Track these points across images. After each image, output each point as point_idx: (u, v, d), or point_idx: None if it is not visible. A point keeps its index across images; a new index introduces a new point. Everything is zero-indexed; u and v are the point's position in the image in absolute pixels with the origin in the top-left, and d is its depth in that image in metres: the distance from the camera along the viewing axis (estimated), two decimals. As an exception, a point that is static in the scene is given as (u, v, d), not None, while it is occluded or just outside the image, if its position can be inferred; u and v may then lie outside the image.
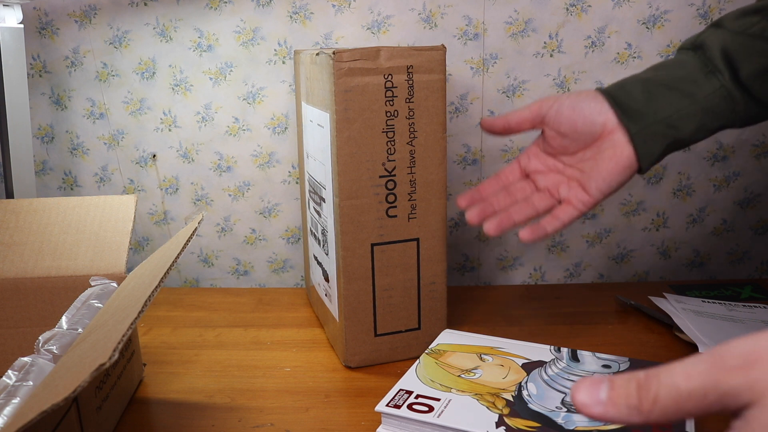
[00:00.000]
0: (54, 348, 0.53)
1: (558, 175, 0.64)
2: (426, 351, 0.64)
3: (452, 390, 0.56)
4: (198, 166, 0.93)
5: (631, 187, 0.94)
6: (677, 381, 0.27)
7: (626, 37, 0.88)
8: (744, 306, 0.79)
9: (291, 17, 0.88)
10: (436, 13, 0.87)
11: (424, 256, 0.69)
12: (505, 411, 0.53)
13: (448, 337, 0.67)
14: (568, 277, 0.97)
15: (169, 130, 0.92)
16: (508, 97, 0.90)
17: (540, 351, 0.64)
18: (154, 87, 0.90)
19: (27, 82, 0.81)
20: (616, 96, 0.61)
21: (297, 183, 0.94)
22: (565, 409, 0.53)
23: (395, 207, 0.66)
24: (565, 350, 0.63)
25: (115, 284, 0.63)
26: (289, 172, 0.93)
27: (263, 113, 0.91)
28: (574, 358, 0.62)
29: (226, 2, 0.87)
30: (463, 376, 0.59)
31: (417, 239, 0.68)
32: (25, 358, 0.51)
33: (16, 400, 0.46)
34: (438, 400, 0.54)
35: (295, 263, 0.97)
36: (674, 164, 0.93)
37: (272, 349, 0.75)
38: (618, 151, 0.60)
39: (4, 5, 0.79)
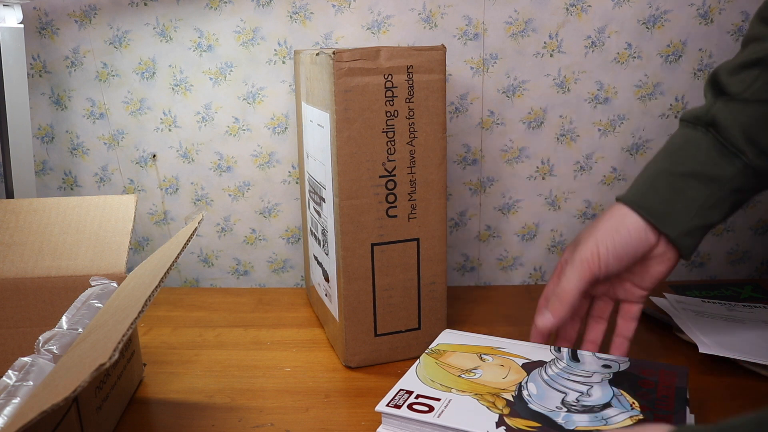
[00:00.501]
0: (54, 348, 0.53)
1: (607, 283, 0.65)
2: (426, 351, 0.64)
3: (452, 390, 0.56)
4: (198, 166, 0.93)
5: (631, 187, 0.94)
6: None
7: (626, 37, 0.88)
8: (744, 306, 0.79)
9: (291, 17, 0.88)
10: (436, 13, 0.87)
11: (424, 256, 0.69)
12: (506, 411, 0.53)
13: (448, 337, 0.67)
14: (568, 277, 0.97)
15: (169, 130, 0.92)
16: (508, 97, 0.90)
17: (540, 351, 0.64)
18: (154, 87, 0.90)
19: (27, 82, 0.81)
20: (645, 205, 0.60)
21: (297, 183, 0.94)
22: (566, 409, 0.53)
23: (395, 207, 0.66)
24: (565, 350, 0.63)
25: (115, 284, 0.63)
26: (289, 172, 0.93)
27: (263, 113, 0.91)
28: (575, 358, 0.62)
29: (226, 2, 0.87)
30: (463, 376, 0.59)
31: (417, 239, 0.68)
32: (25, 358, 0.51)
33: (16, 400, 0.46)
34: (438, 400, 0.54)
35: (295, 263, 0.97)
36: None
37: (272, 349, 0.75)
38: (665, 256, 0.61)
39: (4, 5, 0.79)
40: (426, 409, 0.53)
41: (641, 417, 0.51)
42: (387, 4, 0.87)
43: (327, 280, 0.73)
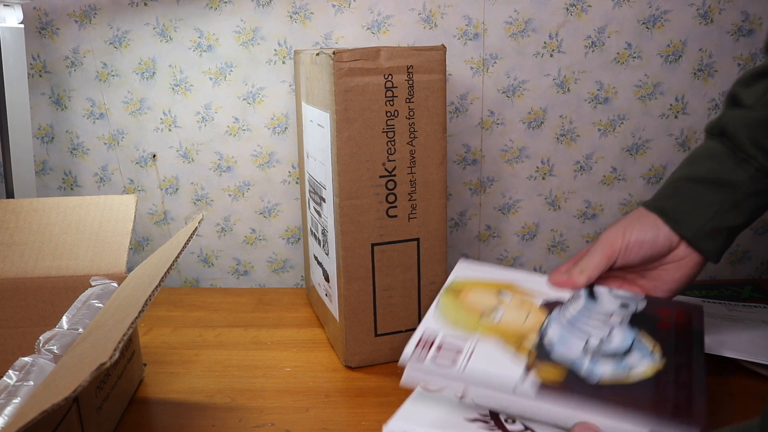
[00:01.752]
0: (54, 348, 0.53)
1: (618, 280, 0.65)
2: (443, 288, 0.62)
3: (476, 332, 0.55)
4: (198, 166, 0.93)
5: (631, 187, 0.94)
6: None
7: (626, 37, 0.88)
8: (744, 306, 0.79)
9: (291, 17, 0.88)
10: (436, 13, 0.87)
11: (424, 256, 0.69)
12: (531, 357, 0.52)
13: (464, 269, 0.65)
14: (568, 277, 0.97)
15: (169, 130, 0.92)
16: (508, 97, 0.90)
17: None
18: (154, 87, 0.90)
19: (27, 82, 0.81)
20: (662, 208, 0.62)
21: (297, 183, 0.94)
22: (589, 356, 0.53)
23: (395, 207, 0.67)
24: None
25: (115, 284, 0.63)
26: (289, 172, 0.93)
27: (263, 113, 0.91)
28: (591, 295, 0.61)
29: (226, 2, 0.87)
30: (484, 319, 0.57)
31: (417, 239, 0.68)
32: (26, 358, 0.51)
33: (16, 400, 0.46)
34: (462, 346, 0.53)
35: (295, 263, 0.97)
36: (674, 163, 0.93)
37: (272, 349, 0.75)
38: (683, 261, 0.62)
39: (4, 5, 0.79)
40: (452, 356, 0.52)
41: (660, 368, 0.51)
42: (387, 4, 0.87)
43: (327, 280, 0.73)
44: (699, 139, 0.92)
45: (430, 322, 0.57)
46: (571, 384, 0.50)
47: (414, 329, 0.70)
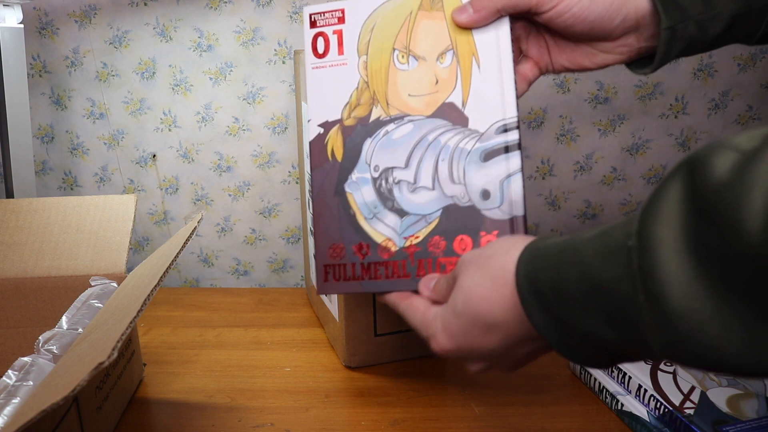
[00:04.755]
0: (54, 348, 0.53)
1: (524, 29, 0.55)
2: None
3: None
4: (198, 166, 0.93)
5: (631, 187, 0.94)
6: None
7: (626, 37, 0.88)
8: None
9: (291, 17, 0.88)
10: (436, 13, 0.87)
11: (424, 255, 0.69)
12: None
13: None
14: (568, 277, 0.97)
15: (169, 130, 0.92)
16: (508, 97, 0.90)
17: None
18: (154, 87, 0.90)
19: (27, 82, 0.81)
20: None
21: (297, 183, 0.94)
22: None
23: (395, 207, 0.66)
24: None
25: (115, 284, 0.63)
26: (289, 172, 0.93)
27: (263, 113, 0.91)
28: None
29: (226, 2, 0.87)
30: None
31: (417, 239, 0.68)
32: (25, 358, 0.51)
33: (16, 400, 0.46)
34: None
35: (295, 263, 0.97)
36: (674, 163, 0.92)
37: (272, 349, 0.75)
38: (632, 38, 0.51)
39: (4, 5, 0.79)
40: None
41: None
42: (387, 4, 0.87)
43: (327, 280, 0.73)
44: (699, 139, 0.92)
45: None
46: None
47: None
